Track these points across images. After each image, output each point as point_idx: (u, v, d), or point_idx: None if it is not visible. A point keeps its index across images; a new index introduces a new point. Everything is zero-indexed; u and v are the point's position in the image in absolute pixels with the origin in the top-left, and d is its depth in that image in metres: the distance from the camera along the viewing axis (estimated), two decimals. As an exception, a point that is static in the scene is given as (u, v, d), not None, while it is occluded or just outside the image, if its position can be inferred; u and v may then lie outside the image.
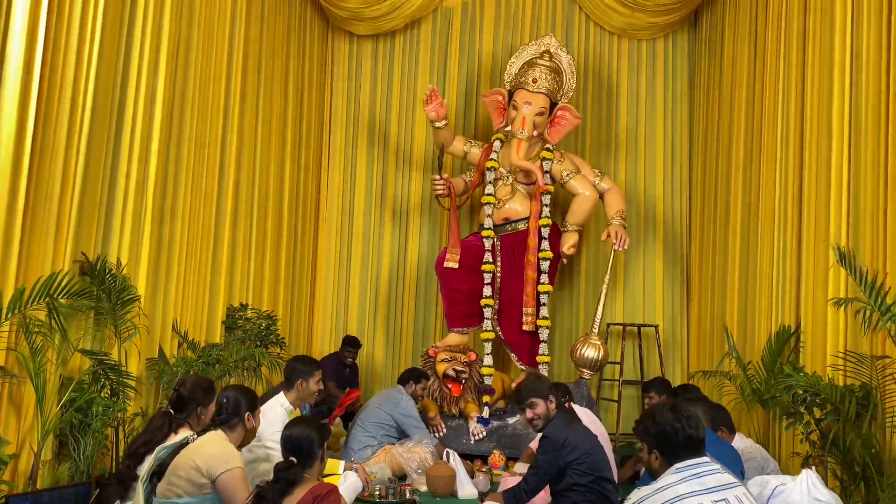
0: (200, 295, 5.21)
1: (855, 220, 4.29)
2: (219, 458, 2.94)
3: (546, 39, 6.97)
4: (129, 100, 4.36)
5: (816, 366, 4.51)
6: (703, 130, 7.25)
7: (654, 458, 2.56)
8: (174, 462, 3.00)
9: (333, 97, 8.08)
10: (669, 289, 7.55)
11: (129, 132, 4.35)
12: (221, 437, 3.12)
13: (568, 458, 3.54)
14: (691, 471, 2.45)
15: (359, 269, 7.89)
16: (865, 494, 3.77)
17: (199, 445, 3.03)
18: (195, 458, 2.97)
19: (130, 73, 4.38)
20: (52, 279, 3.43)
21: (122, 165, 4.32)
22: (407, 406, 5.52)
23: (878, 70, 4.11)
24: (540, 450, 3.68)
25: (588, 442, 3.60)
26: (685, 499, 2.37)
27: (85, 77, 3.96)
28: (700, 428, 2.55)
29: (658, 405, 2.70)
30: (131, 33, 4.38)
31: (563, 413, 3.77)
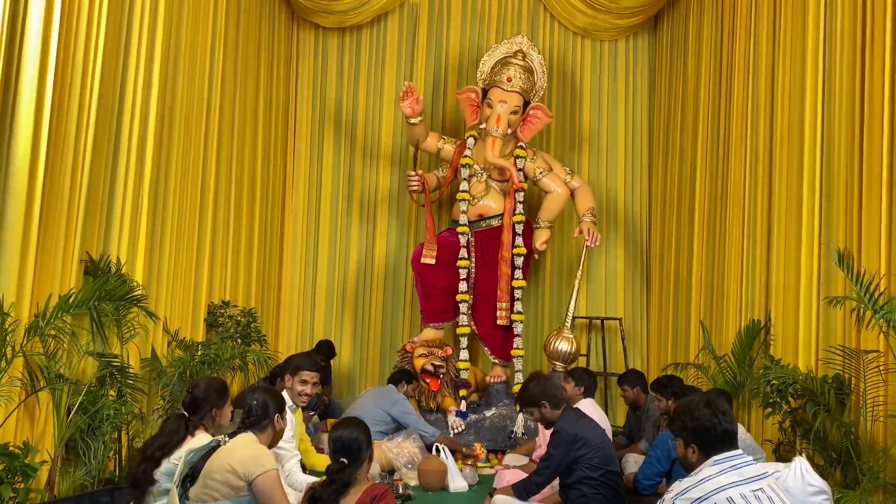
0: (186, 294, 5.12)
1: (828, 216, 4.51)
2: (255, 461, 2.94)
3: (518, 39, 7.09)
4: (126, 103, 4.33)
5: (788, 358, 4.78)
6: (664, 129, 7.52)
7: (692, 451, 2.69)
8: (208, 465, 2.98)
9: (299, 91, 7.99)
10: (630, 283, 7.82)
11: (127, 132, 4.29)
12: (253, 438, 3.11)
13: (579, 452, 3.68)
14: (729, 462, 2.60)
15: (325, 264, 7.85)
16: (842, 478, 4.06)
17: (233, 448, 3.01)
18: (230, 460, 2.95)
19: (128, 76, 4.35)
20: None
21: (122, 169, 4.26)
22: (406, 405, 5.61)
23: (852, 67, 4.29)
24: (551, 444, 3.80)
25: (598, 436, 3.75)
26: (726, 489, 2.52)
27: (90, 86, 3.96)
28: (734, 421, 2.71)
29: (691, 401, 2.83)
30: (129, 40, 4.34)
31: (571, 408, 3.90)
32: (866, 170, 4.15)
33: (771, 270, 5.17)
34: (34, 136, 3.44)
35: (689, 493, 2.54)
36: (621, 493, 3.76)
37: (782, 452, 4.68)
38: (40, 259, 3.43)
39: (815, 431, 4.06)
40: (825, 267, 4.48)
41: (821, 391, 4.09)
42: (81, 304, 3.32)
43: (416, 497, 4.82)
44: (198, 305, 5.33)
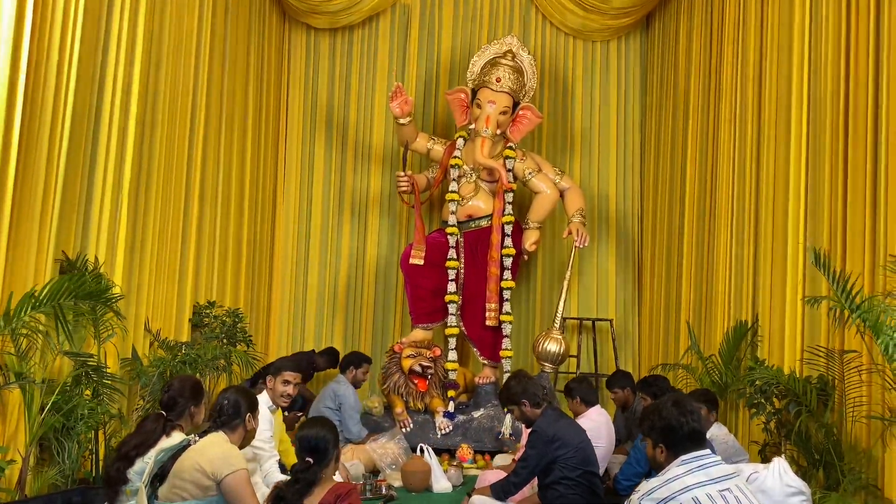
0: (169, 293, 5.10)
1: (813, 219, 4.51)
2: (223, 460, 2.92)
3: (508, 39, 7.08)
4: (106, 97, 4.28)
5: (774, 359, 4.77)
6: (655, 130, 7.51)
7: (660, 451, 2.68)
8: (177, 465, 2.96)
9: (290, 92, 7.99)
10: (622, 284, 7.80)
11: (106, 128, 4.26)
12: (223, 438, 3.09)
13: (556, 452, 3.66)
14: (696, 462, 2.59)
15: (317, 265, 7.84)
16: (824, 479, 4.03)
17: (203, 447, 2.99)
18: (199, 459, 2.93)
19: (108, 71, 4.30)
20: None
21: (100, 165, 4.22)
22: (344, 395, 5.57)
23: (837, 69, 4.30)
24: (529, 444, 3.78)
25: (577, 437, 3.73)
26: (692, 489, 2.50)
27: (66, 78, 3.90)
28: (702, 421, 2.70)
29: (660, 401, 2.82)
30: (108, 34, 4.29)
31: (552, 408, 3.88)
32: (851, 172, 4.15)
33: (758, 272, 5.16)
34: (5, 132, 3.39)
35: (656, 493, 2.53)
36: (599, 493, 3.74)
37: (768, 453, 4.65)
38: (12, 258, 3.40)
39: (796, 432, 4.03)
40: (810, 268, 4.46)
41: (803, 392, 4.07)
42: (46, 302, 3.31)
43: (400, 498, 4.81)
44: (182, 305, 5.32)
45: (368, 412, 6.28)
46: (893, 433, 3.57)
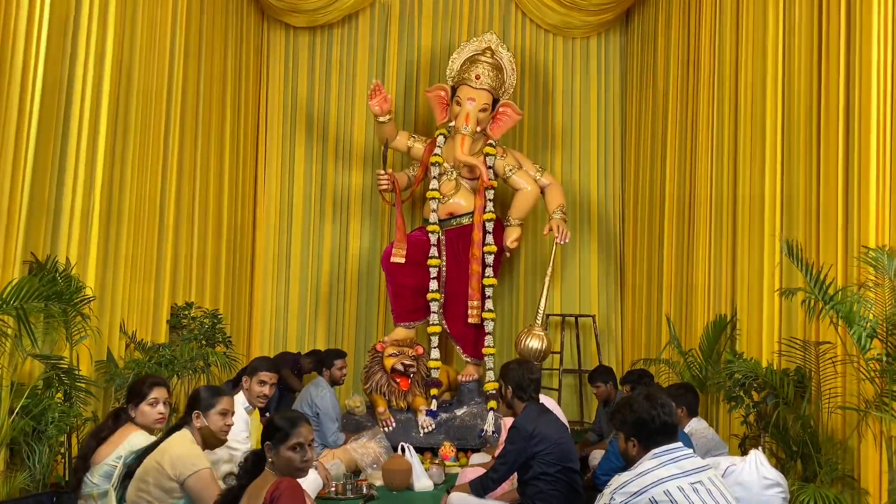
0: (146, 294, 5.05)
1: (788, 213, 4.55)
2: (185, 461, 2.86)
3: (487, 36, 7.07)
4: (75, 94, 4.20)
5: (753, 352, 4.79)
6: (636, 127, 7.52)
7: (632, 445, 2.68)
8: (142, 466, 2.91)
9: (269, 91, 7.93)
10: (604, 280, 7.81)
11: (76, 130, 4.19)
12: (188, 438, 3.02)
13: (536, 448, 3.65)
14: (668, 455, 2.59)
15: (298, 264, 7.79)
16: (802, 471, 4.05)
17: (166, 447, 2.94)
18: (161, 460, 2.87)
19: (77, 68, 4.22)
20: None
21: (70, 164, 4.15)
22: (322, 401, 5.40)
23: (810, 65, 4.34)
24: (508, 439, 3.77)
25: (556, 433, 3.72)
26: (665, 482, 2.50)
27: (33, 74, 3.82)
28: (674, 414, 2.69)
29: (632, 395, 2.82)
30: (77, 27, 4.22)
31: (534, 404, 3.87)
32: (824, 167, 4.19)
33: (736, 265, 5.19)
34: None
35: (627, 487, 2.53)
36: (579, 489, 3.73)
37: (747, 446, 4.67)
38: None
39: (773, 424, 4.04)
40: (787, 261, 4.48)
41: (780, 384, 4.08)
42: (11, 303, 3.26)
43: (381, 497, 4.79)
44: (160, 307, 5.26)
45: (351, 412, 6.26)
46: (868, 424, 3.59)
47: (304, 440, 2.66)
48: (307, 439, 2.68)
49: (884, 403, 3.34)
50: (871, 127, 3.72)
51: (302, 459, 2.64)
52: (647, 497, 2.47)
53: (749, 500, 3.57)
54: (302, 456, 2.64)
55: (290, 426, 2.65)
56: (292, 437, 2.63)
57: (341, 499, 4.66)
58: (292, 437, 2.63)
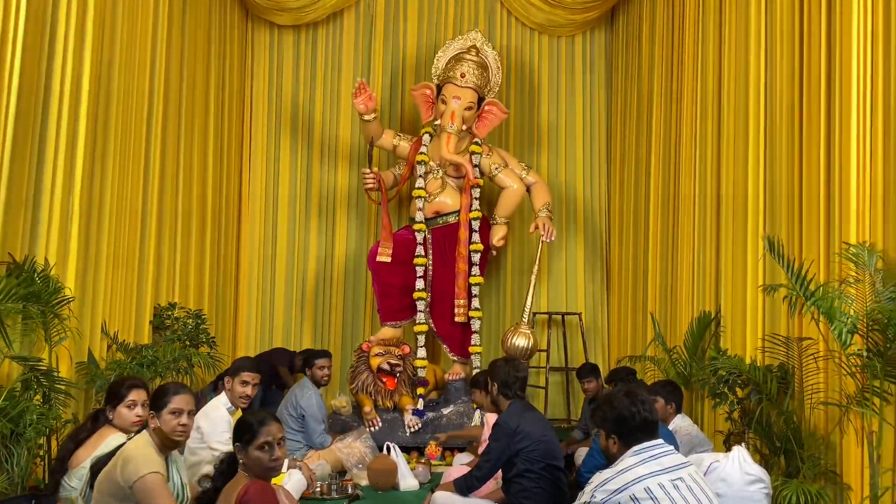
0: (128, 295, 5.01)
1: (771, 211, 4.57)
2: (131, 465, 2.70)
3: (472, 34, 7.06)
4: (54, 92, 4.14)
5: (737, 348, 4.80)
6: (621, 124, 7.53)
7: (613, 442, 2.67)
8: (102, 471, 2.78)
9: (254, 90, 7.88)
10: (591, 278, 7.82)
11: (54, 129, 4.14)
12: (145, 440, 2.86)
13: (519, 445, 3.64)
14: (649, 452, 2.58)
15: (284, 265, 7.75)
16: (785, 466, 4.06)
17: (121, 451, 2.79)
18: (115, 464, 2.74)
19: (55, 65, 4.17)
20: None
21: (48, 164, 4.10)
22: (307, 403, 5.31)
23: (791, 65, 4.36)
24: (491, 437, 3.76)
25: (540, 430, 3.72)
26: (645, 479, 2.50)
27: (9, 71, 3.76)
28: (654, 411, 2.69)
29: (612, 391, 2.82)
30: (55, 24, 4.17)
31: (518, 401, 3.87)
32: (805, 163, 4.20)
33: (720, 263, 5.21)
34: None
35: (608, 485, 2.52)
36: (563, 487, 3.73)
37: (732, 443, 4.68)
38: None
39: (756, 420, 4.06)
40: (770, 258, 4.49)
41: (763, 380, 4.09)
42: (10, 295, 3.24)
43: (367, 496, 4.77)
44: (142, 308, 5.22)
45: (337, 412, 6.23)
46: (850, 419, 3.60)
47: (272, 439, 2.61)
48: (276, 437, 2.62)
49: (865, 399, 3.35)
50: (852, 125, 3.74)
51: (271, 458, 2.59)
52: (627, 494, 2.47)
53: (732, 496, 3.58)
54: (270, 455, 2.59)
55: (258, 425, 2.61)
56: (260, 435, 2.59)
57: (326, 499, 4.64)
58: (260, 435, 2.59)
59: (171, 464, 2.91)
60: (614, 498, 2.47)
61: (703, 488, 2.58)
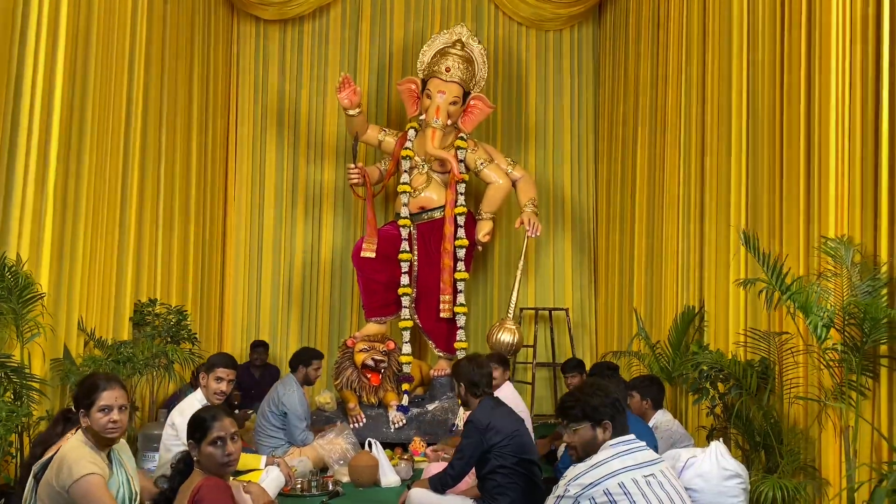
0: (106, 291, 4.96)
1: (753, 207, 4.55)
2: (64, 469, 2.60)
3: (458, 29, 7.02)
4: (25, 86, 4.09)
5: (720, 343, 4.79)
6: (609, 120, 7.51)
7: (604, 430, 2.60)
8: (43, 477, 2.69)
9: (240, 84, 7.83)
10: (578, 273, 7.80)
11: (26, 122, 4.08)
12: (79, 440, 2.73)
13: (491, 441, 3.62)
14: (625, 446, 2.56)
15: (270, 261, 7.72)
16: (766, 461, 4.04)
17: (56, 455, 2.69)
18: (51, 471, 2.64)
19: (26, 58, 4.10)
20: None
21: (20, 158, 4.04)
22: (290, 400, 5.20)
23: (773, 60, 4.34)
24: (464, 434, 3.73)
25: (512, 425, 3.69)
26: (619, 474, 2.47)
27: None
28: (623, 407, 2.68)
29: (592, 381, 2.80)
30: (27, 12, 4.11)
31: (488, 398, 3.84)
32: (786, 158, 4.18)
33: (704, 257, 5.20)
34: None
35: (582, 479, 2.50)
36: (538, 482, 3.70)
37: (715, 438, 4.66)
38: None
39: (735, 415, 4.03)
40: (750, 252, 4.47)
41: (743, 375, 4.07)
42: None
43: (347, 493, 4.74)
44: (122, 304, 5.18)
45: (321, 409, 6.20)
46: (828, 414, 3.58)
47: (224, 434, 2.56)
48: (228, 432, 2.57)
49: (841, 393, 3.32)
50: (831, 120, 3.71)
51: (224, 454, 2.54)
52: (601, 489, 2.44)
53: (709, 491, 3.56)
54: (223, 450, 2.54)
55: (210, 420, 2.56)
56: (211, 431, 2.54)
57: (306, 495, 4.61)
58: (211, 431, 2.54)
59: (115, 458, 2.81)
60: (588, 492, 2.45)
61: (675, 485, 2.56)
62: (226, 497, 2.46)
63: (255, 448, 5.30)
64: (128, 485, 2.78)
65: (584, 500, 2.44)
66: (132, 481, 2.82)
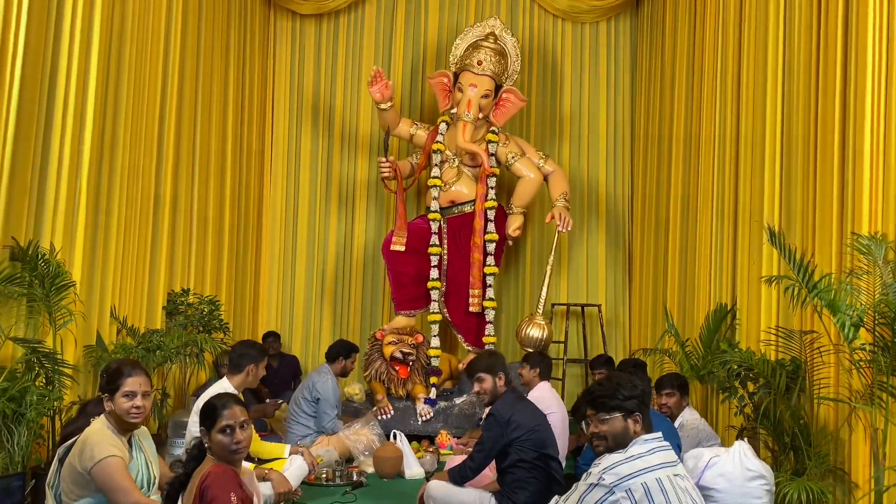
0: (139, 280, 5.08)
1: (787, 203, 4.44)
2: (87, 450, 2.68)
3: (491, 21, 6.98)
4: (60, 78, 4.19)
5: (751, 342, 4.67)
6: (645, 114, 7.38)
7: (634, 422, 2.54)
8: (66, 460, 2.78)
9: (276, 78, 7.94)
10: (612, 269, 7.70)
11: (60, 113, 4.18)
12: (101, 424, 2.82)
13: (512, 435, 3.61)
14: (658, 443, 2.51)
15: (304, 253, 7.81)
16: (795, 464, 3.94)
17: (79, 437, 2.77)
18: (74, 451, 2.73)
19: (61, 49, 4.20)
20: None
21: (55, 149, 4.15)
22: (324, 387, 5.35)
23: (809, 55, 4.24)
24: (485, 427, 3.73)
25: (533, 420, 3.68)
26: (655, 470, 2.41)
27: (12, 53, 3.79)
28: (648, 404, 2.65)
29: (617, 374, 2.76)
30: (61, 6, 4.20)
31: (511, 391, 3.83)
32: (820, 154, 4.07)
33: (737, 255, 5.09)
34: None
35: (619, 468, 2.44)
36: (557, 477, 3.67)
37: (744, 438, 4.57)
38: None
39: (763, 414, 3.94)
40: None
41: (771, 374, 3.97)
42: None
43: (371, 484, 4.78)
44: (155, 293, 5.29)
45: (350, 399, 6.26)
46: (858, 416, 3.47)
47: (233, 422, 2.58)
48: (238, 420, 2.60)
49: (871, 395, 3.22)
50: (866, 115, 3.61)
51: (233, 441, 2.57)
52: (639, 481, 2.37)
53: (732, 491, 3.50)
54: (232, 438, 2.57)
55: (220, 408, 2.60)
56: (221, 419, 2.57)
57: (330, 485, 4.66)
58: (221, 419, 2.57)
59: (135, 443, 2.89)
60: (625, 483, 2.38)
61: (692, 486, 2.53)
62: (232, 484, 2.49)
63: (285, 435, 5.40)
64: (146, 469, 2.85)
65: (619, 490, 2.36)
66: (151, 466, 2.89)
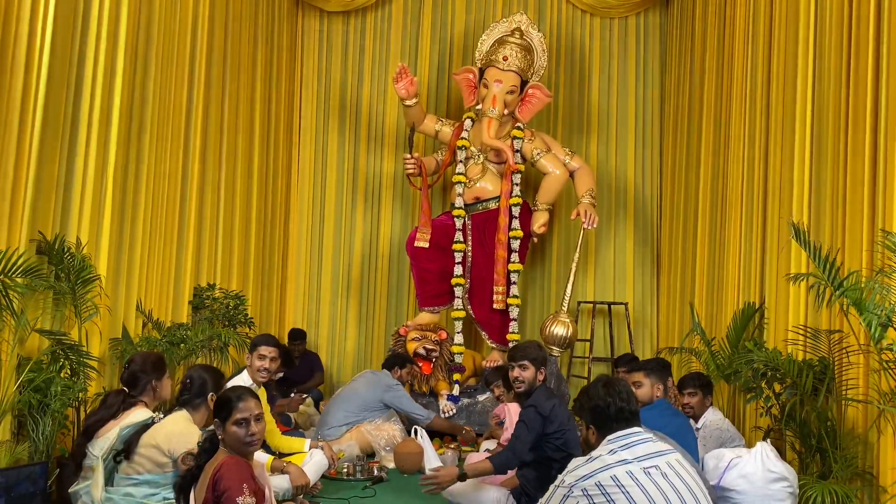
0: (166, 274, 5.15)
1: (817, 201, 4.34)
2: (179, 438, 2.94)
3: (517, 17, 6.94)
4: (87, 73, 4.24)
5: (779, 342, 4.57)
6: (674, 110, 7.27)
7: (591, 433, 2.66)
8: (140, 441, 3.05)
9: (304, 75, 8.00)
10: (640, 267, 7.61)
11: (87, 108, 4.24)
12: (185, 417, 3.12)
13: (548, 429, 3.60)
14: (620, 442, 2.55)
15: (331, 248, 7.86)
16: (821, 466, 3.85)
17: (162, 425, 3.05)
18: (157, 436, 2.98)
19: (88, 44, 4.25)
20: (4, 256, 3.37)
21: (81, 143, 4.21)
22: (399, 391, 5.46)
23: (840, 52, 4.15)
24: (525, 416, 3.68)
25: (566, 418, 3.66)
26: (612, 468, 2.46)
27: (39, 49, 3.85)
28: (632, 400, 2.63)
29: (593, 382, 2.77)
30: (88, 2, 4.27)
31: (544, 386, 3.81)
32: (851, 152, 3.98)
33: (766, 253, 5.00)
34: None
35: (577, 471, 2.53)
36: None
37: (771, 440, 4.48)
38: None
39: (788, 415, 3.85)
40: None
41: (797, 375, 3.88)
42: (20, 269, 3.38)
43: (391, 479, 4.79)
44: (181, 287, 5.36)
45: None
46: (887, 418, 3.38)
47: (248, 415, 2.61)
48: (252, 413, 2.62)
49: (899, 397, 3.13)
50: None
51: (247, 434, 2.60)
52: (593, 481, 2.45)
53: (753, 493, 3.45)
54: (247, 430, 2.60)
55: (235, 401, 2.63)
56: (236, 411, 2.60)
57: (351, 479, 4.68)
58: (236, 411, 2.60)
59: None
60: (581, 483, 2.46)
61: (682, 475, 2.50)
62: (245, 475, 2.52)
63: None
64: None
65: (576, 490, 2.44)
66: None
